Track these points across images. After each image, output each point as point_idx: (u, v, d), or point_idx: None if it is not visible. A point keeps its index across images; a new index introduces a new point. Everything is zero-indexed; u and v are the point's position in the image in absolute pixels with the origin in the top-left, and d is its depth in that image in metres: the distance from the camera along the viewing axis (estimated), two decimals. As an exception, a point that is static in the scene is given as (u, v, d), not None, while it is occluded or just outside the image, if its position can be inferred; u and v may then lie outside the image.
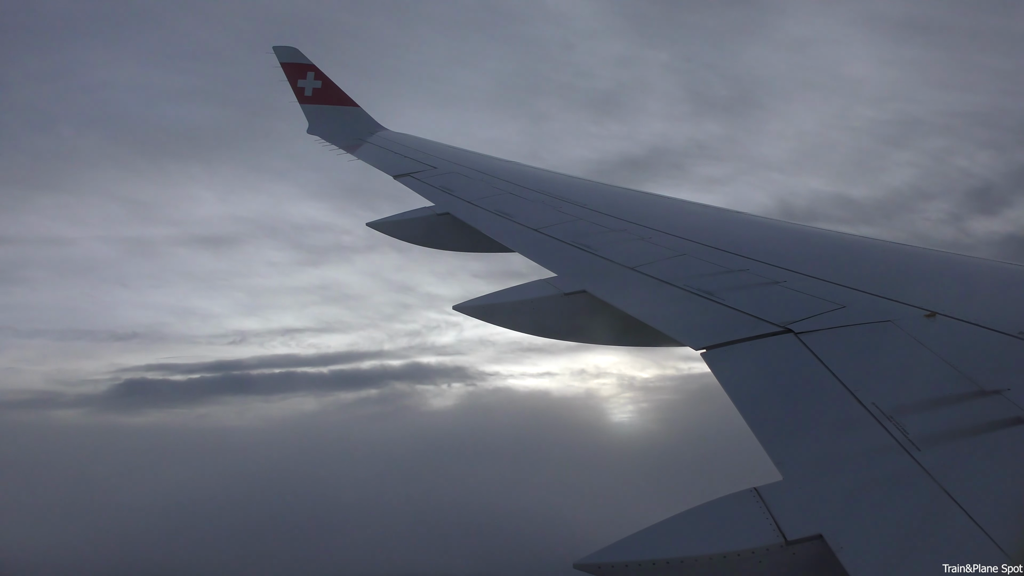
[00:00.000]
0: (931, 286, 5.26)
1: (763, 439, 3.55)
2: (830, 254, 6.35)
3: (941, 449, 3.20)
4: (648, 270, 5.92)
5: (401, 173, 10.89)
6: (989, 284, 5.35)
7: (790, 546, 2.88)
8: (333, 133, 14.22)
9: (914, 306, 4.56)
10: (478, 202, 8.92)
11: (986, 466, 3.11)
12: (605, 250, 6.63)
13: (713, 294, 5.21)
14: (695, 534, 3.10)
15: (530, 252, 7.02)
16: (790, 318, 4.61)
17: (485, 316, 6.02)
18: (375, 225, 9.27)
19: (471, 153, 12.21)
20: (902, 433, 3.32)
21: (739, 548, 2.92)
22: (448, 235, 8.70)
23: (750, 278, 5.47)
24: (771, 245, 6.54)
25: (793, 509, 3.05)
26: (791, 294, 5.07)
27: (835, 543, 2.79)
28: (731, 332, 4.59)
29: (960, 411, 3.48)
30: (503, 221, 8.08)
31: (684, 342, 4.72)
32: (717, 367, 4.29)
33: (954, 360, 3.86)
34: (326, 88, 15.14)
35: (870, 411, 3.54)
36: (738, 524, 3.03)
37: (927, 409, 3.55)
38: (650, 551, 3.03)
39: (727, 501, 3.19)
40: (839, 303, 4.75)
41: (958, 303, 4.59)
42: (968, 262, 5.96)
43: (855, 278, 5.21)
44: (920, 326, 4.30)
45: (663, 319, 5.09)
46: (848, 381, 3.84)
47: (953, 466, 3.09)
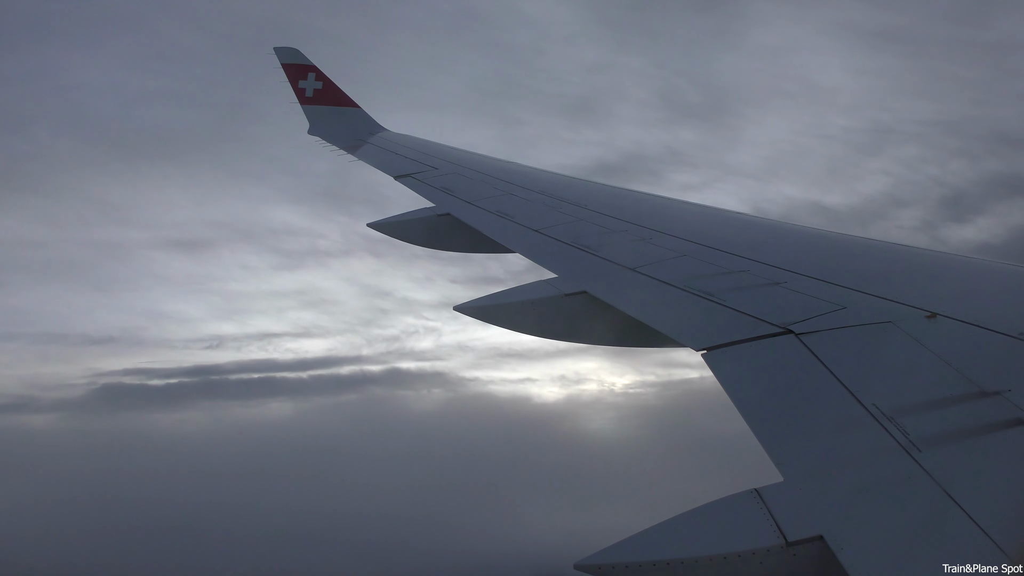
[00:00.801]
0: (932, 287, 5.26)
1: (764, 440, 3.55)
2: (831, 255, 6.35)
3: (942, 450, 3.20)
4: (649, 271, 5.92)
5: (402, 174, 10.89)
6: (990, 285, 5.34)
7: (791, 547, 2.88)
8: (334, 134, 14.22)
9: (915, 307, 4.56)
10: (479, 203, 8.92)
11: (987, 467, 3.11)
12: (605, 251, 6.63)
13: (713, 295, 5.21)
14: (696, 535, 3.10)
15: (530, 253, 7.02)
16: (791, 319, 4.61)
17: (485, 317, 6.02)
18: (376, 226, 9.27)
19: (471, 154, 12.21)
20: (903, 434, 3.32)
21: (740, 549, 2.92)
22: (449, 236, 8.70)
23: (751, 279, 5.47)
24: (772, 246, 6.54)
25: (794, 510, 3.05)
26: (792, 295, 5.06)
27: (836, 544, 2.79)
28: (732, 333, 4.59)
29: (961, 412, 3.48)
30: (503, 222, 8.08)
31: (685, 343, 4.72)
32: (718, 368, 4.29)
33: (955, 361, 3.86)
34: (327, 89, 15.14)
35: (871, 412, 3.54)
36: (739, 525, 3.03)
37: (928, 410, 3.55)
38: (650, 552, 3.03)
39: (728, 502, 3.19)
40: (840, 304, 4.75)
41: (959, 304, 4.58)
42: (969, 263, 5.96)
43: (856, 279, 5.21)
44: (921, 327, 4.30)
45: (664, 320, 5.09)
46: (849, 382, 3.84)
47: (954, 467, 3.09)
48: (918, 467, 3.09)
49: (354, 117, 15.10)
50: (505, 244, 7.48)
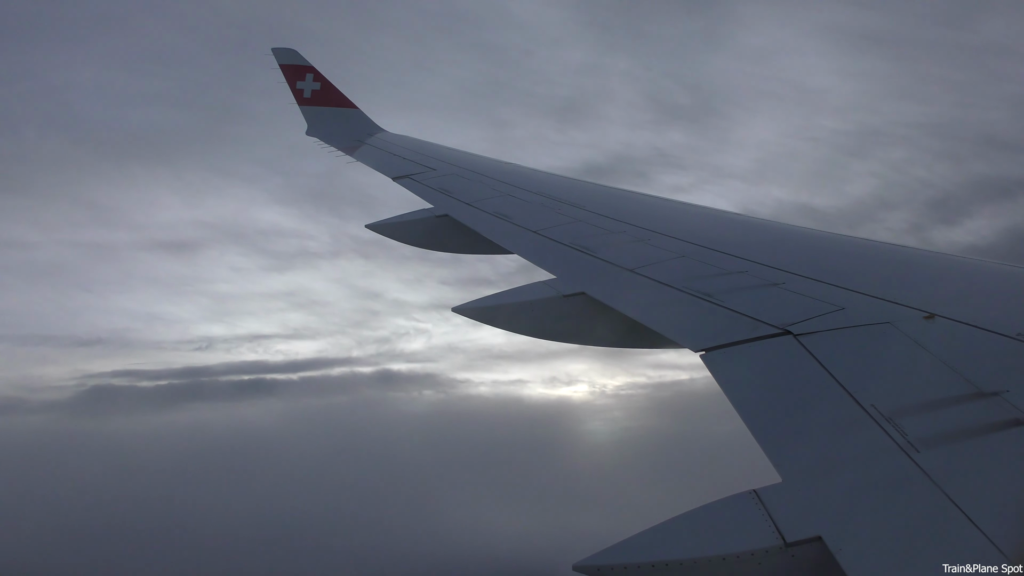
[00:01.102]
0: (930, 288, 5.26)
1: (762, 441, 3.55)
2: (829, 256, 6.35)
3: (940, 451, 3.20)
4: (647, 272, 5.92)
5: (400, 175, 10.89)
6: (988, 286, 5.35)
7: (789, 548, 2.88)
8: (332, 135, 14.22)
9: (913, 308, 4.56)
10: (477, 204, 8.92)
11: (985, 468, 3.11)
12: (604, 252, 6.62)
13: (712, 296, 5.21)
14: (694, 536, 3.10)
15: (529, 254, 7.01)
16: (789, 320, 4.61)
17: (483, 318, 6.01)
18: (374, 227, 9.26)
19: (469, 155, 12.21)
20: (901, 435, 3.32)
21: (738, 550, 2.92)
22: (447, 237, 8.69)
23: (749, 280, 5.47)
24: (770, 247, 6.54)
25: (792, 511, 3.04)
26: (790, 296, 5.06)
27: (834, 545, 2.79)
28: (730, 334, 4.59)
29: (959, 413, 3.48)
30: (502, 223, 8.07)
31: (683, 344, 4.71)
32: (716, 369, 4.28)
33: (953, 362, 3.86)
34: (325, 90, 15.13)
35: (869, 413, 3.54)
36: (737, 526, 3.03)
37: (926, 411, 3.55)
38: (649, 553, 3.02)
39: (726, 503, 3.19)
40: (838, 305, 4.75)
41: (957, 305, 4.58)
42: (967, 264, 5.96)
43: (854, 280, 5.21)
44: (919, 328, 4.30)
45: (662, 321, 5.09)
46: (847, 383, 3.84)
47: (952, 468, 3.09)
48: (917, 468, 3.09)
49: (352, 118, 15.09)
50: (503, 245, 7.48)
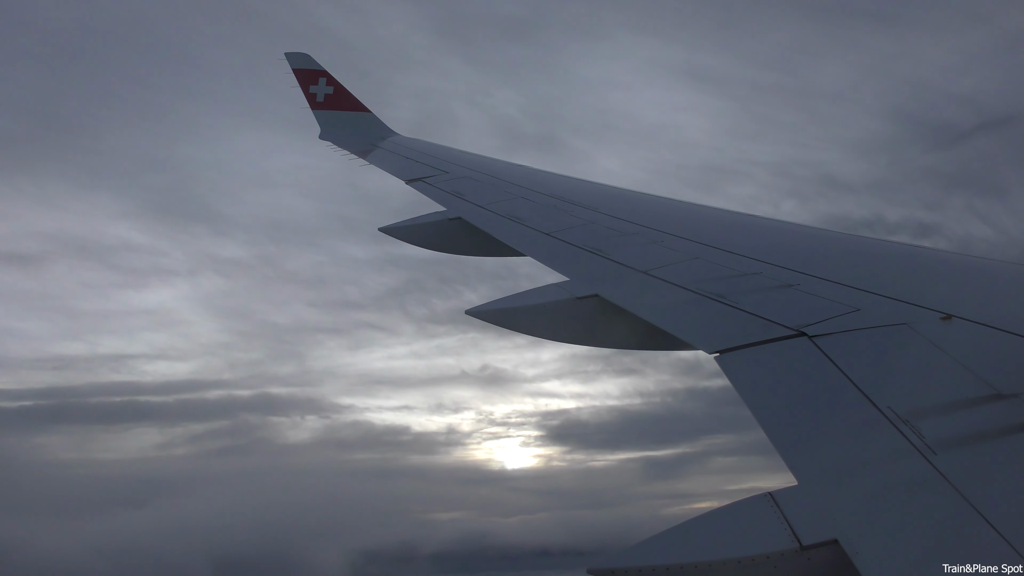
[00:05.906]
0: (947, 289, 5.22)
1: (778, 443, 3.54)
2: (844, 257, 6.32)
3: (958, 453, 3.18)
4: (660, 274, 5.91)
5: (413, 178, 10.94)
6: (1005, 287, 5.31)
7: (805, 551, 2.87)
8: (345, 139, 14.31)
9: (930, 309, 4.53)
10: (490, 206, 8.95)
11: (1004, 470, 3.09)
12: (617, 254, 6.62)
13: (726, 297, 5.20)
14: (710, 539, 3.10)
15: (542, 256, 7.03)
16: (804, 321, 4.59)
17: (500, 321, 6.02)
18: (388, 230, 9.30)
19: (482, 158, 12.26)
20: (918, 437, 3.30)
21: (754, 553, 2.91)
22: (460, 240, 8.73)
23: (763, 281, 5.45)
24: (784, 248, 6.52)
25: (808, 514, 3.03)
26: (805, 297, 5.04)
27: (851, 548, 2.78)
28: (744, 335, 4.58)
29: (977, 415, 3.46)
30: (515, 225, 8.09)
31: (697, 346, 4.71)
32: (731, 371, 4.27)
33: (971, 363, 3.83)
34: (338, 94, 15.23)
35: (886, 415, 3.52)
36: (753, 529, 3.02)
37: (944, 413, 3.53)
38: (664, 556, 3.02)
39: (742, 506, 3.18)
40: (854, 306, 4.73)
41: (975, 306, 4.55)
42: (984, 264, 5.92)
43: (870, 281, 5.19)
44: (936, 329, 4.27)
45: (676, 323, 5.09)
46: (863, 385, 3.82)
47: (970, 470, 3.07)
48: (934, 470, 3.07)
49: (365, 122, 15.18)
50: (516, 247, 7.50)
